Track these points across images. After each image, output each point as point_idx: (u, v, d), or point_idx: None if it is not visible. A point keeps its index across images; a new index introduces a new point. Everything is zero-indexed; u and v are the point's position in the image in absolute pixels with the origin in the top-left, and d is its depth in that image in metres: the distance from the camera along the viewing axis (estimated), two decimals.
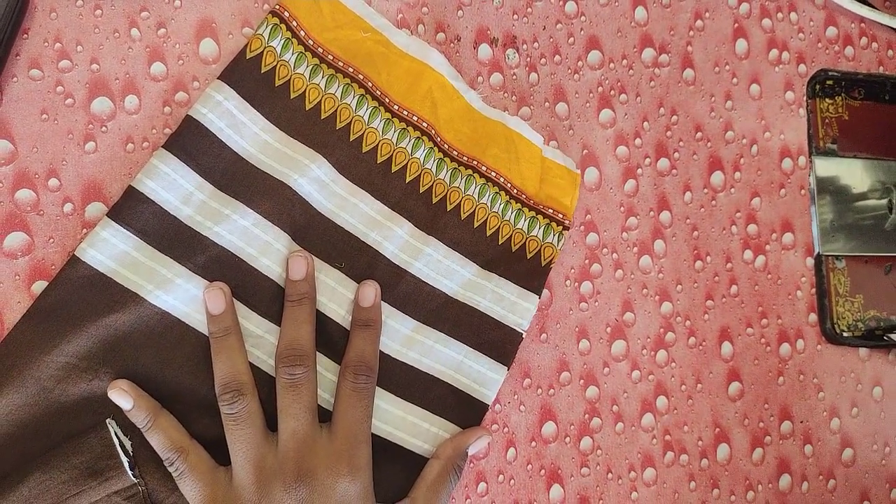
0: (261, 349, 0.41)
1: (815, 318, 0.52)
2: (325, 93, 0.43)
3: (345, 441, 0.39)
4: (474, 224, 0.45)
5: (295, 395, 0.39)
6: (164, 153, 0.40)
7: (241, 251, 0.41)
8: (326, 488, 0.38)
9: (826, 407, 0.51)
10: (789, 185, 0.52)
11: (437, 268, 0.44)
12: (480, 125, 0.46)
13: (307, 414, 0.39)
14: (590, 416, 0.47)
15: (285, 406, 0.39)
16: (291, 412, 0.39)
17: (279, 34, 0.43)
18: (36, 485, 0.37)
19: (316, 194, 0.42)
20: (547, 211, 0.47)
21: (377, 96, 0.44)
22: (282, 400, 0.40)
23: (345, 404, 0.40)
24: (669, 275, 0.49)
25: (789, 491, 0.50)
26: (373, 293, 0.42)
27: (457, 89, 0.45)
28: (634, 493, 0.48)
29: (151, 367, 0.40)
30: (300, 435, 0.39)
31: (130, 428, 0.39)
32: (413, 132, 0.45)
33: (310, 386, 0.40)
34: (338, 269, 0.43)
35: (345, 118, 0.44)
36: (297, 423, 0.39)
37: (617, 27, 0.50)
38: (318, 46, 0.43)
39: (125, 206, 0.40)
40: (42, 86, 0.41)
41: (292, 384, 0.39)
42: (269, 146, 0.42)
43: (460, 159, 0.46)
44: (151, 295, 0.40)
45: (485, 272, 0.45)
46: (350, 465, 0.39)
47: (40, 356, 0.38)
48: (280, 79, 0.43)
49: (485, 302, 0.45)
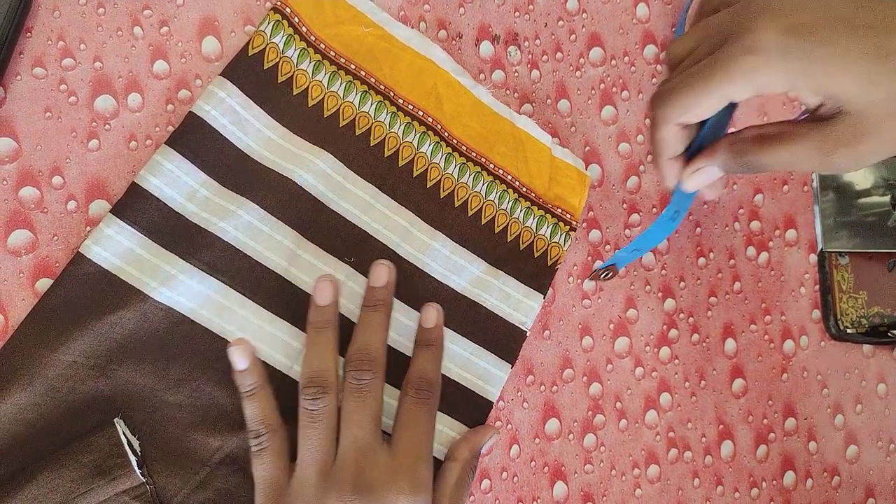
0: (267, 344, 0.41)
1: (819, 314, 0.51)
2: (328, 90, 0.43)
3: (407, 457, 0.38)
4: (482, 221, 0.46)
5: (360, 402, 0.38)
6: (168, 150, 0.41)
7: (245, 246, 0.41)
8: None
9: (830, 404, 0.51)
10: (792, 181, 0.52)
11: (444, 263, 0.44)
12: (490, 121, 0.46)
13: (371, 423, 0.38)
14: (593, 412, 0.47)
15: (350, 412, 0.38)
16: (355, 419, 0.38)
17: (281, 30, 0.43)
18: (45, 483, 0.37)
19: (323, 189, 0.42)
20: (556, 210, 0.47)
21: (381, 91, 0.44)
22: (347, 405, 0.39)
23: (407, 420, 0.39)
24: (672, 271, 0.49)
25: (794, 488, 0.50)
26: (435, 315, 0.42)
27: (463, 85, 0.45)
28: (638, 490, 0.48)
29: (158, 365, 0.40)
30: (361, 444, 0.38)
31: (138, 427, 0.39)
32: (419, 127, 0.45)
33: (376, 394, 0.39)
34: (347, 263, 0.43)
35: (348, 115, 0.44)
36: (360, 432, 0.38)
37: (619, 24, 0.50)
38: (320, 42, 0.44)
39: (129, 203, 0.40)
40: (45, 84, 0.41)
41: (358, 389, 0.39)
42: (272, 142, 0.42)
43: (469, 154, 0.46)
44: (156, 292, 0.40)
45: (492, 269, 0.45)
46: (411, 483, 0.37)
47: (47, 355, 0.38)
48: (283, 75, 0.43)
49: (491, 299, 0.45)
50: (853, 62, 0.31)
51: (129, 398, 0.39)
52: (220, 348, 0.40)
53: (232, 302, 0.41)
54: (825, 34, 0.31)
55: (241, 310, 0.41)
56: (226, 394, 0.40)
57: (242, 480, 0.40)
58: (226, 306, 0.41)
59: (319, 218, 0.42)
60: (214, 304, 0.41)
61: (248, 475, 0.40)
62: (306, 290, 0.42)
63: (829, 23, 0.32)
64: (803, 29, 0.32)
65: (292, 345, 0.42)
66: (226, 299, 0.41)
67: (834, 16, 0.32)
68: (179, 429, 0.40)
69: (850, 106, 0.32)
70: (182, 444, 0.40)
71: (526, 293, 0.46)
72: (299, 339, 0.42)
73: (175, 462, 0.39)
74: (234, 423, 0.40)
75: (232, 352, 0.39)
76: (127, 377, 0.39)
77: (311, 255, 0.42)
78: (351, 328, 0.42)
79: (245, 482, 0.40)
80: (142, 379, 0.39)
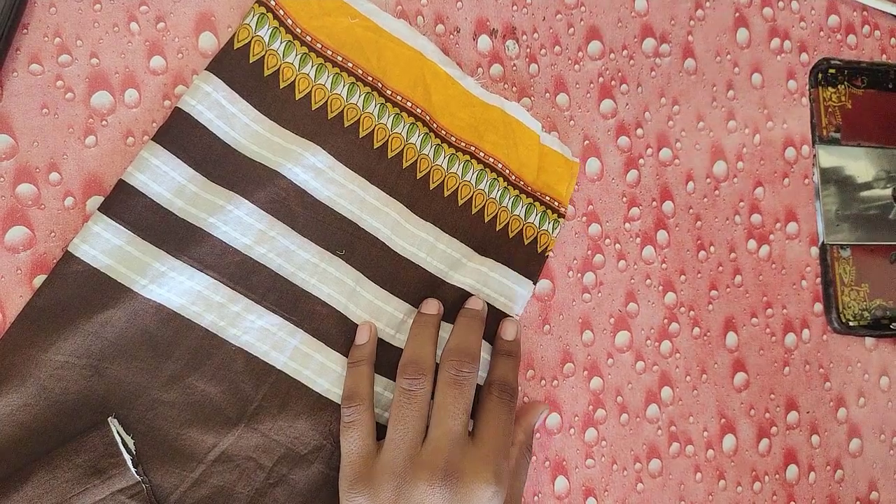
0: (261, 340, 0.41)
1: (821, 307, 0.51)
2: (315, 83, 0.43)
3: (492, 450, 0.40)
4: (472, 210, 0.45)
5: (457, 393, 0.40)
6: (154, 146, 0.40)
7: (235, 241, 0.41)
8: (470, 492, 0.38)
9: (833, 397, 0.51)
10: (793, 174, 0.52)
11: (435, 254, 0.44)
12: (479, 111, 0.46)
13: (464, 416, 0.40)
14: (594, 407, 0.47)
15: (445, 403, 0.40)
16: (451, 410, 0.40)
17: (266, 23, 0.43)
18: (40, 484, 0.37)
19: (313, 182, 0.42)
20: (544, 198, 0.46)
21: (369, 82, 0.44)
22: (443, 395, 0.40)
23: (491, 417, 0.41)
24: (673, 265, 0.49)
25: (796, 482, 0.50)
26: (514, 329, 0.44)
27: (451, 76, 0.45)
28: (640, 485, 0.47)
29: (150, 362, 0.40)
30: (454, 435, 0.39)
31: (132, 425, 0.39)
32: (407, 118, 0.45)
33: (471, 388, 0.41)
34: (339, 257, 0.43)
35: (336, 108, 0.43)
36: (454, 423, 0.40)
37: (617, 17, 0.49)
38: (306, 35, 0.43)
39: (116, 199, 0.40)
40: (42, 80, 0.41)
41: (457, 381, 0.41)
42: (260, 136, 0.42)
43: (458, 145, 0.45)
44: (146, 289, 0.40)
45: (481, 258, 0.45)
46: (496, 474, 0.39)
47: (38, 355, 0.38)
48: (269, 68, 0.43)
49: (484, 289, 0.45)
50: None
51: (122, 397, 0.39)
52: (212, 344, 0.40)
53: (223, 297, 0.41)
54: None
55: (232, 305, 0.41)
56: (219, 390, 0.40)
57: (238, 477, 0.40)
58: (217, 302, 0.41)
59: (309, 211, 0.42)
60: (205, 300, 0.40)
61: (243, 472, 0.40)
62: (297, 283, 0.42)
63: None
64: None
65: (284, 338, 0.41)
66: (216, 294, 0.41)
67: None
68: (174, 426, 0.40)
69: None
70: (177, 441, 0.40)
71: (516, 279, 0.45)
72: (290, 333, 0.41)
73: (170, 460, 0.39)
74: (228, 420, 0.40)
75: (360, 329, 0.42)
76: (119, 376, 0.39)
77: (301, 249, 0.42)
78: (343, 324, 0.42)
79: (240, 479, 0.40)
80: (134, 377, 0.39)
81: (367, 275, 0.43)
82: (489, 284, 0.45)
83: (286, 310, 0.42)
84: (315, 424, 0.41)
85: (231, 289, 0.41)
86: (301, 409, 0.41)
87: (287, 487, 0.41)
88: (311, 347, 0.42)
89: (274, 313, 0.41)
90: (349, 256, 0.43)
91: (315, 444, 0.41)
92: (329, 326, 0.42)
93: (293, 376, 0.41)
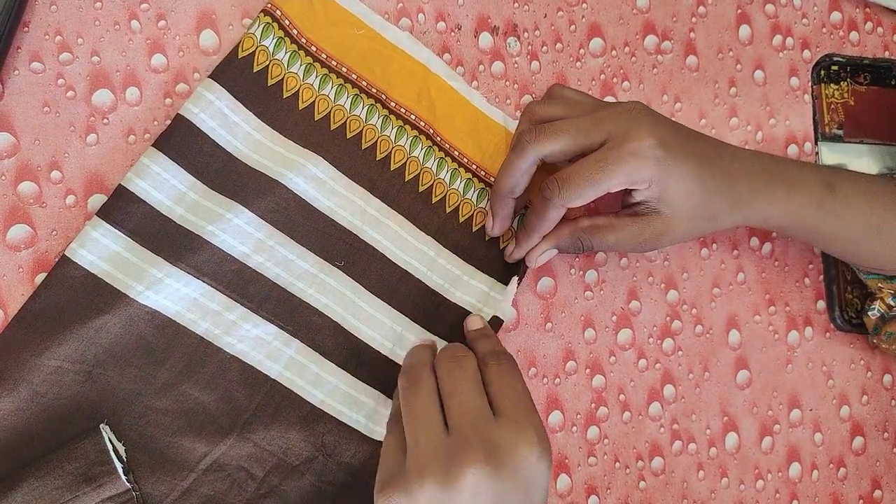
0: (256, 349, 0.41)
1: (824, 305, 0.51)
2: (319, 94, 0.43)
3: (521, 411, 0.37)
4: (472, 228, 0.45)
5: (462, 373, 0.38)
6: (155, 152, 0.40)
7: (233, 249, 0.41)
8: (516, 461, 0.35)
9: (835, 395, 0.51)
10: None
11: (434, 268, 0.44)
12: (483, 126, 0.46)
13: (477, 390, 0.38)
14: (596, 405, 0.47)
15: (454, 384, 0.38)
16: (462, 388, 0.38)
17: (271, 33, 0.42)
18: (30, 491, 0.36)
19: (314, 192, 0.42)
20: None
21: (373, 94, 0.44)
22: (450, 380, 0.38)
23: (499, 382, 0.38)
24: (675, 262, 0.49)
25: (799, 479, 0.49)
26: (478, 319, 0.44)
27: (456, 90, 0.45)
28: (642, 483, 0.47)
29: (144, 369, 0.40)
30: (476, 411, 0.37)
31: (124, 433, 0.39)
32: (410, 130, 0.44)
33: (473, 365, 0.39)
34: (338, 267, 0.42)
35: (339, 119, 0.43)
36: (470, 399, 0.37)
37: (619, 14, 0.49)
38: (311, 45, 0.43)
39: (116, 205, 0.40)
40: (43, 79, 0.41)
41: (456, 361, 0.39)
42: (262, 146, 0.42)
43: (461, 160, 0.45)
44: (142, 295, 0.39)
45: (482, 275, 0.45)
46: (538, 432, 0.36)
47: (32, 359, 0.38)
48: (273, 78, 0.43)
49: (481, 306, 0.45)
50: (682, 182, 0.41)
51: (114, 403, 0.39)
52: (207, 352, 0.40)
53: (219, 305, 0.41)
54: (676, 154, 0.41)
55: (228, 313, 0.41)
56: (212, 399, 0.40)
57: (229, 487, 0.40)
58: (212, 309, 0.40)
59: (309, 221, 0.42)
60: (200, 308, 0.40)
61: (234, 482, 0.40)
62: (294, 293, 0.42)
63: (678, 144, 0.41)
64: (666, 145, 0.41)
65: (279, 348, 0.41)
66: (212, 302, 0.40)
67: (679, 141, 0.42)
68: (166, 434, 0.39)
69: (668, 209, 0.42)
70: (168, 450, 0.39)
71: (503, 290, 0.45)
72: (286, 342, 0.41)
73: (161, 468, 0.39)
74: (221, 429, 0.40)
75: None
76: (113, 382, 0.39)
77: (300, 259, 0.42)
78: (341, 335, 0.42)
79: (231, 489, 0.40)
80: (128, 384, 0.39)
81: (365, 286, 0.43)
82: (489, 303, 0.45)
83: (283, 319, 0.41)
84: (308, 436, 0.41)
85: (227, 297, 0.41)
86: (294, 420, 0.41)
87: (278, 498, 0.41)
88: (307, 358, 0.42)
89: (270, 322, 0.41)
90: (348, 267, 0.43)
91: (307, 456, 0.41)
92: (325, 337, 0.42)
93: (287, 386, 0.41)
